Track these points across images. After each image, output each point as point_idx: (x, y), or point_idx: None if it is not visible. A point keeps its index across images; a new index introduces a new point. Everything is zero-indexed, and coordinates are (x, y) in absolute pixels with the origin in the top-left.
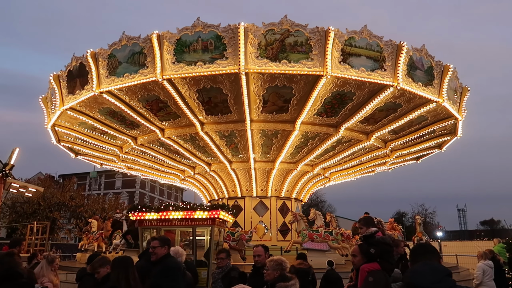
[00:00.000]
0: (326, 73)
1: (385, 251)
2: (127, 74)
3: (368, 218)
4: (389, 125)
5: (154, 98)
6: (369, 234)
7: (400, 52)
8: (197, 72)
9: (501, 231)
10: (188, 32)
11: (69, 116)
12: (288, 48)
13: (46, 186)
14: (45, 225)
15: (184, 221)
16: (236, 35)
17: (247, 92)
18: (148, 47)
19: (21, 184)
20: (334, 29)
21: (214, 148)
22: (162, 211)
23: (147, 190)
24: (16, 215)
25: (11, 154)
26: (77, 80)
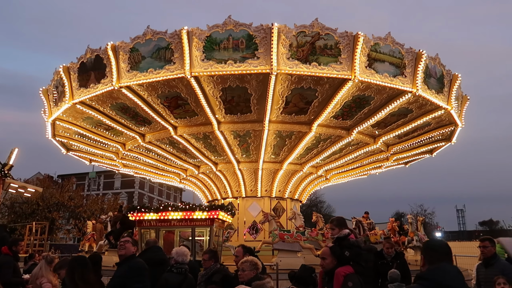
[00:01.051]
0: (354, 77)
1: (357, 253)
2: (151, 69)
3: (340, 218)
4: (397, 130)
5: (174, 95)
6: (342, 236)
7: (420, 60)
8: (227, 70)
9: (500, 231)
10: (219, 29)
11: (76, 110)
12: (318, 51)
13: (45, 186)
14: (44, 225)
15: (183, 221)
16: (268, 35)
17: (273, 93)
18: (176, 43)
19: (20, 184)
20: (363, 34)
21: (226, 148)
22: (161, 212)
23: (146, 190)
24: (15, 215)
25: (10, 154)
26: (92, 73)
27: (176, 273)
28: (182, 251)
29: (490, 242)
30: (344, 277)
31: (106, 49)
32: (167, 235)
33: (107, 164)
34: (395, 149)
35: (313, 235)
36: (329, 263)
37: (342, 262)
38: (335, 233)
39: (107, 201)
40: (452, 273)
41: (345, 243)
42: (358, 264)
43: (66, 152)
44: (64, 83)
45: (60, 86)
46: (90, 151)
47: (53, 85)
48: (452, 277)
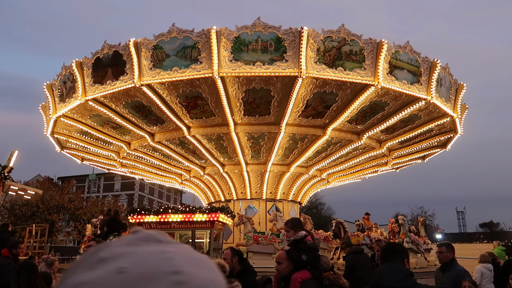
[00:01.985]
0: (377, 83)
1: (315, 256)
2: (176, 68)
3: (295, 220)
4: (403, 135)
5: (195, 95)
6: (298, 239)
7: (434, 69)
8: (256, 72)
9: (501, 233)
10: (248, 31)
11: (86, 107)
12: (343, 56)
13: (45, 188)
14: (43, 227)
15: (184, 224)
16: (297, 38)
17: (295, 96)
18: (204, 42)
19: (20, 187)
20: (387, 42)
21: (238, 149)
22: (161, 214)
23: (146, 192)
24: (14, 218)
25: (10, 156)
26: (109, 69)
27: None
28: None
29: (447, 247)
30: (301, 283)
31: (128, 45)
32: None
33: (102, 163)
34: (396, 154)
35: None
36: (285, 267)
37: (299, 267)
38: (291, 236)
39: (107, 203)
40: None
41: (302, 246)
42: (316, 268)
43: (60, 150)
44: (76, 79)
45: (69, 82)
46: (89, 149)
47: (59, 80)
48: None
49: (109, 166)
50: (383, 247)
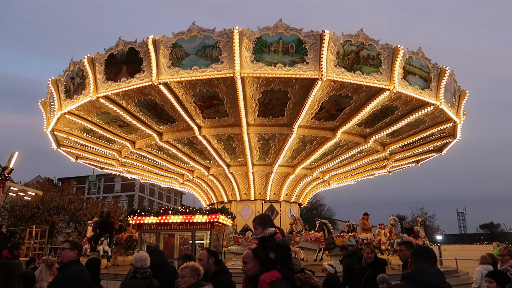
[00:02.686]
0: (393, 88)
1: (286, 255)
2: (195, 67)
3: (264, 216)
4: (407, 139)
5: (211, 95)
6: (266, 236)
7: (443, 75)
8: (277, 73)
9: (501, 234)
10: (269, 32)
11: (94, 104)
12: (361, 60)
13: (45, 189)
14: (44, 228)
15: (184, 225)
16: (318, 41)
17: (312, 98)
18: (225, 42)
19: (20, 188)
20: (402, 47)
21: (247, 150)
22: (162, 215)
23: (146, 193)
24: (15, 219)
25: (10, 157)
26: (123, 66)
27: (141, 278)
28: (141, 256)
29: (406, 246)
30: (270, 285)
31: (146, 43)
32: (168, 239)
33: (99, 162)
34: (396, 157)
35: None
36: (250, 267)
37: (267, 266)
38: (259, 233)
39: (107, 204)
40: (433, 273)
41: (270, 244)
42: (286, 268)
43: (56, 148)
44: (88, 75)
45: (77, 78)
46: (88, 148)
47: (66, 76)
48: (432, 275)
49: (106, 165)
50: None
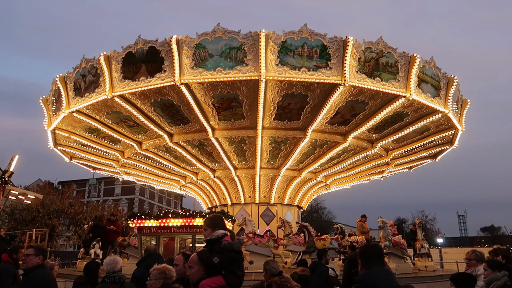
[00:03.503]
0: (409, 95)
1: (233, 260)
2: (219, 68)
3: (215, 217)
4: (410, 145)
5: (231, 97)
6: (214, 238)
7: (452, 85)
8: (301, 77)
9: (502, 237)
10: (294, 36)
11: (106, 103)
12: (381, 67)
13: (45, 193)
14: (44, 232)
15: (184, 228)
16: (341, 47)
17: (330, 103)
18: (250, 44)
19: (20, 191)
20: (419, 56)
21: (258, 153)
22: (162, 218)
23: (146, 197)
24: (15, 222)
25: (11, 161)
26: (143, 65)
27: (109, 283)
28: (110, 260)
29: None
30: None
31: (170, 42)
32: (168, 243)
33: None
34: (397, 162)
35: (263, 241)
36: (195, 272)
37: (211, 271)
38: (207, 235)
39: (107, 208)
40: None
41: (216, 248)
42: (233, 274)
43: (52, 147)
44: (103, 73)
45: (90, 75)
46: (89, 148)
47: (76, 73)
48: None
49: (103, 166)
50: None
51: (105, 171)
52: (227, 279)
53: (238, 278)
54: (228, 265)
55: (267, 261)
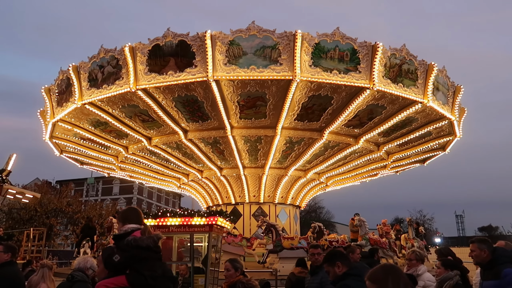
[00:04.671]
0: (427, 102)
1: (139, 258)
2: (253, 66)
3: (126, 210)
4: (412, 149)
5: (258, 95)
6: (119, 234)
7: (458, 93)
8: (332, 79)
9: (499, 237)
10: (327, 39)
11: (125, 97)
12: (403, 74)
13: (43, 192)
14: (41, 231)
15: (182, 227)
16: (370, 52)
17: (353, 107)
18: (285, 44)
19: (18, 190)
20: (436, 64)
21: (272, 152)
22: (160, 218)
23: (144, 196)
24: (12, 221)
25: (8, 160)
26: (171, 59)
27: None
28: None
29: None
30: None
31: (204, 37)
32: (165, 242)
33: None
34: (393, 165)
35: (236, 240)
36: (100, 271)
37: (112, 270)
38: (118, 229)
39: (105, 207)
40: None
41: (120, 244)
42: (138, 273)
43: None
44: (127, 64)
45: (109, 66)
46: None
47: (92, 63)
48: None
49: (99, 162)
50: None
51: (96, 167)
52: (130, 279)
53: (145, 278)
54: (132, 264)
55: (234, 259)
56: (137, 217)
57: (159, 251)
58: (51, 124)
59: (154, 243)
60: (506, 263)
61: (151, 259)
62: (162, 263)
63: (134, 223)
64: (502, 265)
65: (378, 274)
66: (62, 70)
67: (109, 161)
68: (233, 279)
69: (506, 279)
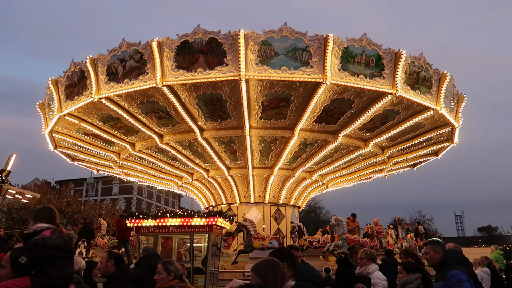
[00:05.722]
0: (440, 109)
1: (45, 257)
2: (284, 67)
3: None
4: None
5: (284, 96)
6: (28, 233)
7: (462, 101)
8: (359, 84)
9: (499, 237)
10: (355, 44)
11: (146, 93)
12: (420, 81)
13: (42, 192)
14: None
15: (182, 228)
16: (393, 59)
17: (371, 111)
18: (316, 47)
19: (17, 190)
20: (448, 73)
21: (284, 153)
22: (160, 218)
23: (144, 196)
24: (12, 222)
25: (8, 160)
26: (201, 56)
27: None
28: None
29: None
30: None
31: (237, 35)
32: (165, 242)
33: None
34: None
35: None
36: (7, 273)
37: (21, 273)
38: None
39: (105, 207)
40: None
41: (27, 244)
42: (44, 274)
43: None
44: (154, 59)
45: (132, 61)
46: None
47: (112, 56)
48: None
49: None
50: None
51: (90, 164)
52: (34, 280)
53: (51, 278)
54: (38, 264)
55: (168, 261)
56: (49, 216)
57: (70, 251)
58: (56, 118)
59: (65, 243)
60: (456, 264)
61: (60, 259)
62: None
63: (46, 223)
64: (451, 266)
65: (262, 268)
66: (75, 62)
67: (109, 158)
68: (165, 284)
69: (450, 281)
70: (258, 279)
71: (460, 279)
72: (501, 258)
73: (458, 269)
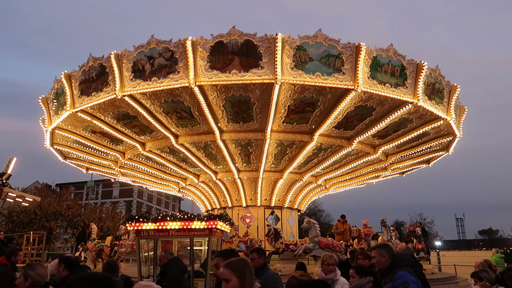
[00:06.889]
0: (450, 119)
1: None
2: (318, 73)
3: None
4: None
5: (311, 101)
6: None
7: (463, 113)
8: (385, 92)
9: (500, 240)
10: (383, 53)
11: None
12: (435, 92)
13: (43, 195)
14: (41, 234)
15: (182, 231)
16: (415, 69)
17: (389, 120)
18: (348, 55)
19: (17, 194)
20: (458, 85)
21: (299, 157)
22: (160, 221)
23: (144, 199)
24: (12, 225)
25: (8, 163)
26: (236, 58)
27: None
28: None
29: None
30: None
31: (274, 39)
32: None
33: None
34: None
35: None
36: None
37: None
38: None
39: (105, 210)
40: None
41: None
42: None
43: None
44: (187, 58)
45: (161, 58)
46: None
47: (139, 52)
48: None
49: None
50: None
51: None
52: None
53: None
54: None
55: (31, 264)
56: None
57: None
58: (67, 114)
59: None
60: (405, 266)
61: None
62: None
63: None
64: (399, 269)
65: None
66: (93, 56)
67: (112, 157)
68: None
69: (397, 281)
70: (233, 275)
71: (406, 280)
72: (502, 262)
73: (406, 270)
